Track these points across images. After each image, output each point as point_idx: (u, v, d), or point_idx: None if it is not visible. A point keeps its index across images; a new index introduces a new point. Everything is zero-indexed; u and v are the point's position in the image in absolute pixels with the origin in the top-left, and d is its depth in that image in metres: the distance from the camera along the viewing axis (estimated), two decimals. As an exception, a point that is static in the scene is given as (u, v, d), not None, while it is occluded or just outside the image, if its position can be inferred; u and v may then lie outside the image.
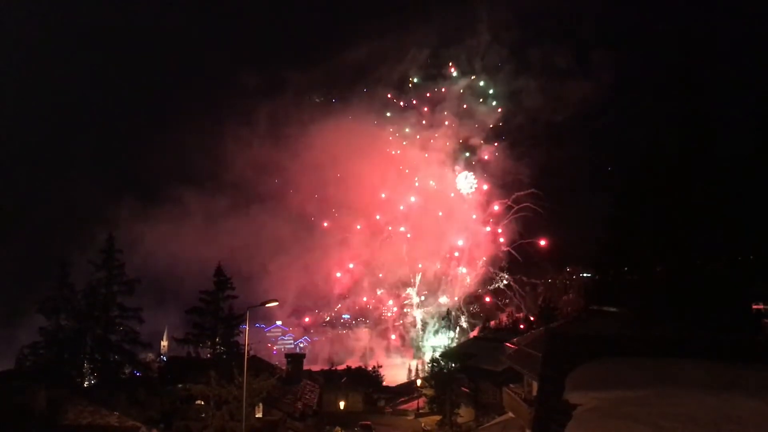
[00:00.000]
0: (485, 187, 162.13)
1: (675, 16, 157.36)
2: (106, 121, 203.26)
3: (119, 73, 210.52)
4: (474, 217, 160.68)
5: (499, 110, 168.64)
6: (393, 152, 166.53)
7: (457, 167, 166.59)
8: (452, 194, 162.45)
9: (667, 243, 30.69)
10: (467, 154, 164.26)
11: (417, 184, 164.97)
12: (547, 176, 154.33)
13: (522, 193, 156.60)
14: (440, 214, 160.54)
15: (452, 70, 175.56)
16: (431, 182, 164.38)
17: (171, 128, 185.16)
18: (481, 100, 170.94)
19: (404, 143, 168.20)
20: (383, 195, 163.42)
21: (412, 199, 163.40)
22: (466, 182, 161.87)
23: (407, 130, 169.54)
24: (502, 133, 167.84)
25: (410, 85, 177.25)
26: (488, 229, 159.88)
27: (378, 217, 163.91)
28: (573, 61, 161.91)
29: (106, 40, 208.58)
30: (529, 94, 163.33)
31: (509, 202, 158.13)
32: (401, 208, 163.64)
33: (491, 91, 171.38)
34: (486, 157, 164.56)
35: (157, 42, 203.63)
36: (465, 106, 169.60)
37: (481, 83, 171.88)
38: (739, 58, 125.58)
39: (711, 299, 27.83)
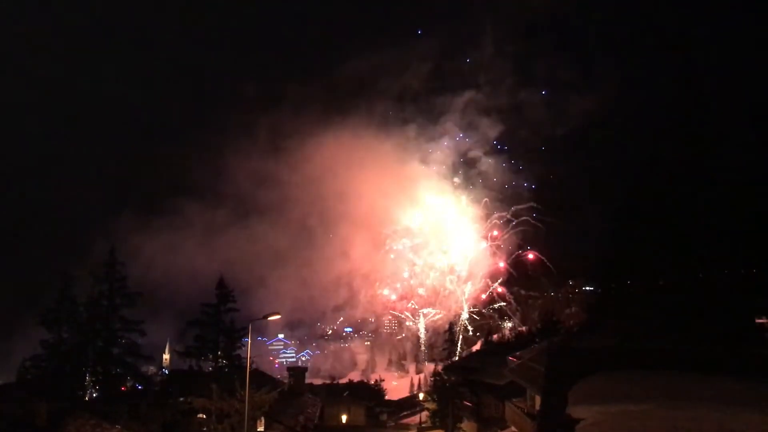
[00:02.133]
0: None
1: (675, 28, 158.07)
2: (106, 134, 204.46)
3: (119, 86, 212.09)
4: (473, 230, 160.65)
5: (501, 123, 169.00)
6: (393, 165, 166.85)
7: (456, 179, 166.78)
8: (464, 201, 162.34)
9: (669, 256, 30.71)
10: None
11: (417, 197, 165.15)
12: (547, 189, 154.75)
13: (522, 206, 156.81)
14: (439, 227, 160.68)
15: (454, 82, 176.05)
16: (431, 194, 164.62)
17: (170, 141, 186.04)
18: (483, 112, 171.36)
19: (405, 157, 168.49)
20: (383, 208, 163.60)
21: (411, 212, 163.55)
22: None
23: (408, 143, 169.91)
24: (503, 145, 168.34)
25: (411, 98, 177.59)
26: (488, 243, 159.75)
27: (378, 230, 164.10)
28: (574, 74, 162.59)
29: (107, 53, 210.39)
30: (530, 107, 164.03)
31: (509, 216, 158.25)
32: (394, 215, 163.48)
33: (493, 104, 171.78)
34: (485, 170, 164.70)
35: (158, 55, 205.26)
36: (467, 118, 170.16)
37: (483, 96, 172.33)
38: (739, 71, 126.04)
39: (714, 313, 27.79)
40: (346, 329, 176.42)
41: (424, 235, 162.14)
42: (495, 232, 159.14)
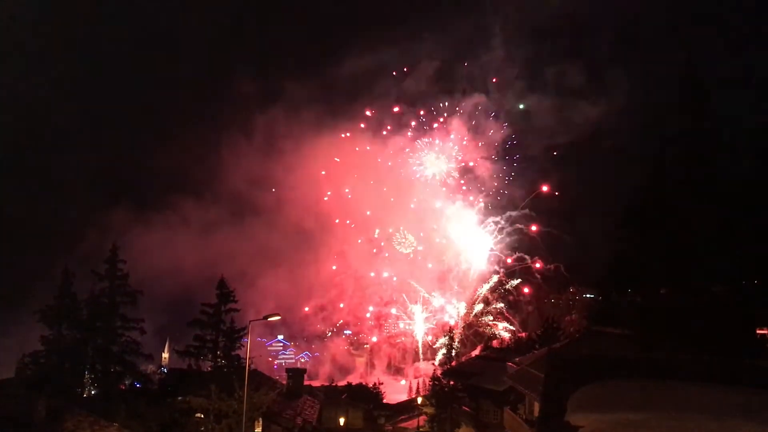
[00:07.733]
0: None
1: (679, 35, 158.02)
2: (101, 130, 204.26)
3: (115, 81, 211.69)
4: (468, 236, 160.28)
5: (505, 128, 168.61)
6: (390, 169, 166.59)
7: (450, 180, 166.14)
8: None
9: (671, 266, 30.64)
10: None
11: (413, 201, 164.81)
12: (547, 196, 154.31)
13: (519, 212, 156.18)
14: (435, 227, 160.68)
15: (458, 85, 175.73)
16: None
17: (167, 138, 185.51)
18: (484, 117, 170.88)
19: (402, 160, 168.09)
20: (378, 212, 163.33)
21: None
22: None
23: (406, 145, 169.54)
24: (503, 151, 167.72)
25: (411, 100, 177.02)
26: (484, 249, 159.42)
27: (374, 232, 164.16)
28: (580, 81, 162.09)
29: (103, 47, 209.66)
30: (533, 113, 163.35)
31: (504, 222, 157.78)
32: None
33: (495, 109, 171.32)
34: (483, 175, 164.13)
35: (154, 51, 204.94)
36: (472, 122, 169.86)
37: (488, 100, 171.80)
38: (745, 82, 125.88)
39: (715, 323, 27.72)
40: (345, 332, 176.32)
41: (418, 240, 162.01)
42: (492, 238, 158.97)
